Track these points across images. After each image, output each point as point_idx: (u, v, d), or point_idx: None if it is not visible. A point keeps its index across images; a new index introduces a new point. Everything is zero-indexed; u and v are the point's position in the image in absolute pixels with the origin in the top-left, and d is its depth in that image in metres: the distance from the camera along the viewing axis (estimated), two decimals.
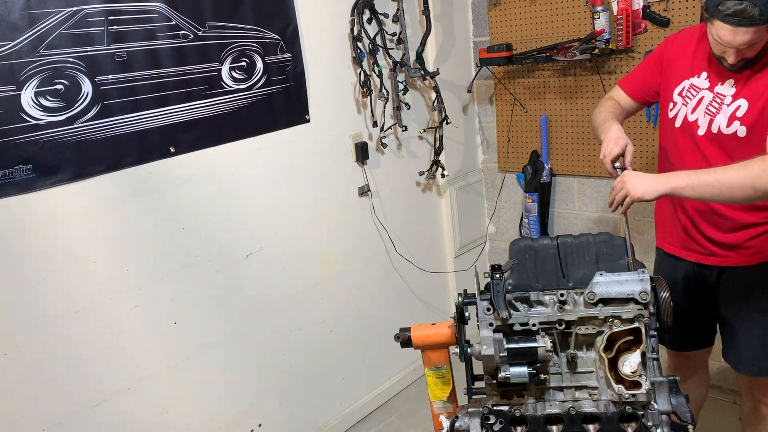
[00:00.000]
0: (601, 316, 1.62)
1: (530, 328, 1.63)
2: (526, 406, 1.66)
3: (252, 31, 2.35)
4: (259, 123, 2.42)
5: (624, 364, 1.61)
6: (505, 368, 1.60)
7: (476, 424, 1.64)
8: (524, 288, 1.68)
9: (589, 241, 1.70)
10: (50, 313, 1.93)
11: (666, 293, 1.63)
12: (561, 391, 1.68)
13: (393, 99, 2.90)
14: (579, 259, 1.69)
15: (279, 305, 2.59)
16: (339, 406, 2.90)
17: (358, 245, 2.90)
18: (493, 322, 1.63)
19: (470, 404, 1.70)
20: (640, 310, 1.60)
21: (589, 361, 1.67)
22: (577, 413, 1.62)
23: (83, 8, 1.90)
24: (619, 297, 1.61)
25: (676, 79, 1.95)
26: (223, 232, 2.36)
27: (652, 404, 1.59)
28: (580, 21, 2.88)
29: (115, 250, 2.07)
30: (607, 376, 1.61)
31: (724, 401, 2.85)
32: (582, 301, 1.63)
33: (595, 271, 1.64)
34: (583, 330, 1.64)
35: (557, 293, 1.64)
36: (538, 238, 1.74)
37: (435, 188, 3.28)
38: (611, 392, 1.61)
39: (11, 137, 1.79)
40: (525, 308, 1.67)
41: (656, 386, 1.61)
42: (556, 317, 1.63)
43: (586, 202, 3.13)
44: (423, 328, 1.82)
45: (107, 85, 1.98)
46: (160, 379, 2.22)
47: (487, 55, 3.06)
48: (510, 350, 1.60)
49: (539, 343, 1.60)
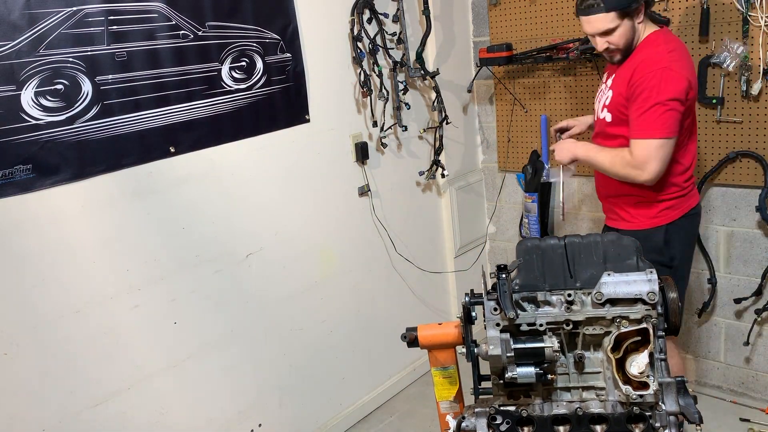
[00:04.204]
0: (608, 316, 1.62)
1: (537, 328, 1.62)
2: (533, 407, 1.65)
3: (252, 31, 2.35)
4: (259, 123, 2.42)
5: (632, 365, 1.60)
6: (512, 368, 1.59)
7: (483, 425, 1.63)
8: (531, 288, 1.67)
9: (597, 241, 1.69)
10: (50, 313, 1.93)
11: (674, 294, 1.63)
12: (568, 391, 1.68)
13: (393, 99, 2.90)
14: (586, 259, 1.68)
15: (279, 305, 2.59)
16: (339, 406, 2.90)
17: (358, 245, 2.89)
18: (500, 322, 1.62)
19: (477, 404, 1.69)
20: (648, 311, 1.60)
21: (597, 362, 1.66)
22: (585, 414, 1.62)
23: (83, 8, 1.90)
24: (627, 297, 1.60)
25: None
26: (223, 232, 2.36)
27: (659, 405, 1.59)
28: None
29: (116, 250, 2.07)
30: (615, 377, 1.61)
31: (725, 401, 2.85)
32: (589, 302, 1.63)
33: (602, 271, 1.63)
34: (590, 330, 1.63)
35: (564, 293, 1.63)
36: (546, 237, 1.73)
37: (435, 188, 3.28)
38: (619, 393, 1.60)
39: (11, 137, 1.79)
40: (532, 308, 1.66)
41: (664, 387, 1.60)
42: (564, 317, 1.63)
43: (586, 202, 3.13)
44: (429, 328, 1.81)
45: (107, 85, 1.97)
46: (160, 379, 2.22)
47: (487, 55, 3.06)
48: (517, 350, 1.59)
49: (546, 343, 1.59)
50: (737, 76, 2.49)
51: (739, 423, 2.71)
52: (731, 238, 2.72)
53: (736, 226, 2.69)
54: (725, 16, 2.48)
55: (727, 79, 2.53)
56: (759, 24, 2.40)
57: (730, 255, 2.73)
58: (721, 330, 2.83)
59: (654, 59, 2.05)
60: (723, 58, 2.49)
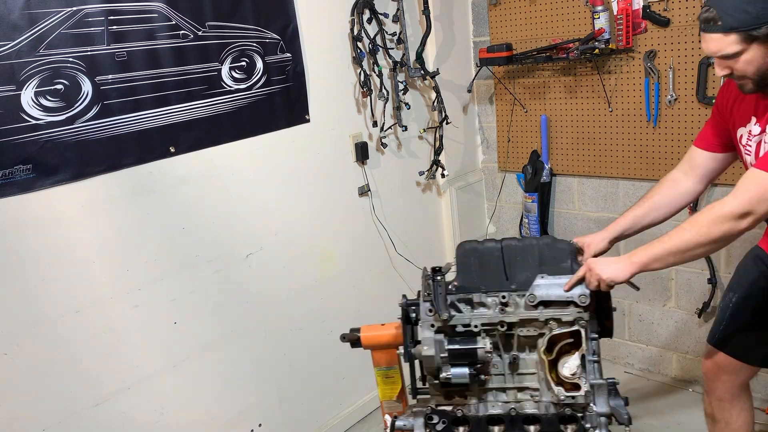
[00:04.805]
0: (541, 318, 1.65)
1: (472, 329, 1.65)
2: (469, 407, 1.68)
3: (252, 31, 2.35)
4: (259, 123, 2.42)
5: (563, 367, 1.64)
6: (446, 369, 1.63)
7: (420, 424, 1.67)
8: (469, 290, 1.70)
9: (533, 244, 1.72)
10: (50, 313, 1.93)
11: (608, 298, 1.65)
12: (504, 392, 1.71)
13: (393, 99, 2.90)
14: (523, 262, 1.71)
15: (279, 305, 2.59)
16: (339, 406, 2.90)
17: (358, 245, 2.89)
18: (434, 323, 1.65)
19: (416, 404, 1.73)
20: (579, 313, 1.63)
21: (532, 363, 1.69)
22: (518, 414, 1.65)
23: (83, 8, 1.90)
24: (559, 300, 1.63)
25: (736, 125, 1.87)
26: (223, 232, 2.36)
27: (590, 406, 1.61)
28: (580, 21, 2.87)
29: (115, 250, 2.07)
30: (548, 378, 1.63)
31: None
32: (523, 304, 1.65)
33: (537, 274, 1.66)
34: (524, 332, 1.66)
35: (499, 295, 1.66)
36: (484, 240, 1.76)
37: (435, 188, 3.28)
38: (551, 394, 1.63)
39: (11, 137, 1.79)
40: (468, 310, 1.69)
41: (595, 389, 1.62)
42: (498, 319, 1.66)
43: (586, 202, 3.13)
44: (372, 329, 1.85)
45: (107, 85, 1.98)
46: (160, 379, 2.22)
47: (487, 55, 3.06)
48: (451, 351, 1.63)
49: (479, 344, 1.63)
50: None
51: None
52: None
53: None
54: None
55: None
56: None
57: (730, 255, 2.73)
58: None
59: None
60: None
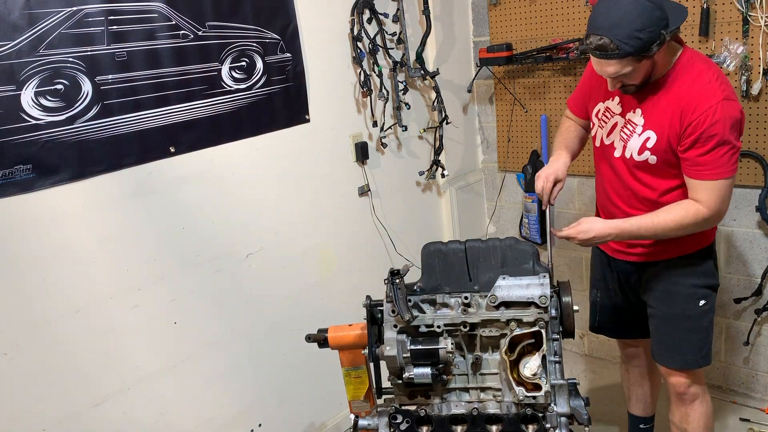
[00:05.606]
0: (503, 318, 1.66)
1: (435, 329, 1.66)
2: (432, 407, 1.70)
3: (252, 31, 2.35)
4: (259, 123, 2.42)
5: (524, 367, 1.65)
6: (409, 369, 1.65)
7: (384, 423, 1.69)
8: (433, 290, 1.72)
9: (496, 245, 1.73)
10: (50, 313, 1.93)
11: (568, 297, 1.68)
12: (467, 392, 1.72)
13: (393, 99, 2.90)
14: (486, 263, 1.72)
15: (279, 305, 2.59)
16: (339, 406, 2.90)
17: (358, 245, 2.89)
18: (397, 324, 1.68)
19: (381, 404, 1.76)
20: (540, 314, 1.64)
21: (494, 363, 1.71)
22: (480, 414, 1.66)
23: (83, 8, 1.90)
24: (521, 301, 1.65)
25: (594, 100, 2.09)
26: (223, 232, 2.36)
27: (551, 406, 1.63)
28: (580, 21, 2.88)
29: (115, 250, 2.07)
30: (509, 378, 1.65)
31: (725, 401, 2.85)
32: (485, 304, 1.67)
33: (500, 275, 1.68)
34: (486, 332, 1.68)
35: (462, 296, 1.68)
36: (449, 242, 1.78)
37: (435, 188, 3.28)
38: (512, 394, 1.64)
39: (11, 137, 1.79)
40: (432, 310, 1.71)
41: (556, 389, 1.64)
42: (460, 319, 1.67)
43: (586, 202, 3.13)
44: (339, 330, 1.87)
45: (107, 85, 1.97)
46: (160, 379, 2.22)
47: (487, 55, 3.06)
48: (413, 351, 1.65)
49: (441, 344, 1.64)
50: (737, 76, 2.49)
51: (739, 423, 2.71)
52: (731, 238, 2.72)
53: (736, 226, 2.70)
54: (725, 16, 2.48)
55: None
56: (759, 24, 2.40)
57: (730, 255, 2.73)
58: (721, 330, 2.83)
59: (707, 93, 1.79)
60: (723, 58, 2.49)
